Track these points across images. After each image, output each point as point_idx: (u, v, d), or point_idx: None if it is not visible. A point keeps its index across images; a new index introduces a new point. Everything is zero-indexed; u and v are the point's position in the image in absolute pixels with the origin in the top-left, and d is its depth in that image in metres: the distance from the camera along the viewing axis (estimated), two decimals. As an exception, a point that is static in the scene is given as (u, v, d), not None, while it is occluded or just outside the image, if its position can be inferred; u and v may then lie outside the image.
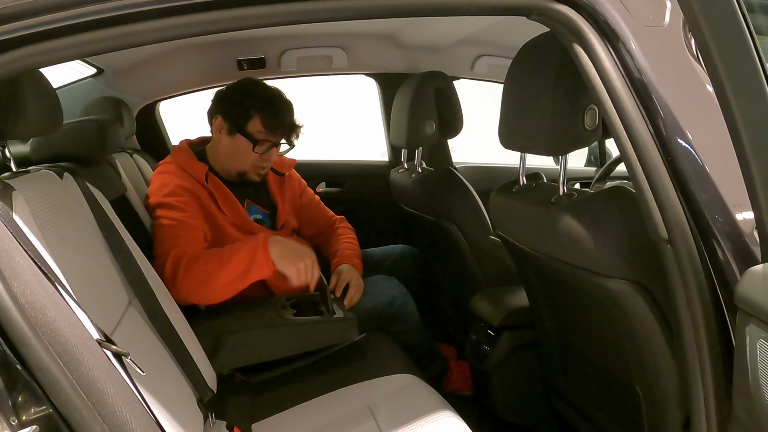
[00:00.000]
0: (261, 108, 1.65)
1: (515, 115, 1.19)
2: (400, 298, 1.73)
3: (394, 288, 1.75)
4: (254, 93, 1.68)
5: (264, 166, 1.73)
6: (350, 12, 0.90)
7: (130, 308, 1.13)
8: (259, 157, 1.69)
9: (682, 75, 0.91)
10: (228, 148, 1.70)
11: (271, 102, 1.67)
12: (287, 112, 1.70)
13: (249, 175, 1.73)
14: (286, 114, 1.69)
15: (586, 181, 2.58)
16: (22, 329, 0.74)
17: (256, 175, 1.74)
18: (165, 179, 1.65)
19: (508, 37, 2.31)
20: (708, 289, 0.86)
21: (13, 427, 0.72)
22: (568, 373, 1.45)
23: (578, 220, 1.06)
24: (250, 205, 1.79)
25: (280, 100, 1.70)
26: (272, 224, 1.81)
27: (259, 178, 1.75)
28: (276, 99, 1.69)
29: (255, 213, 1.79)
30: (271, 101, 1.67)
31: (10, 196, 0.89)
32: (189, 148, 1.75)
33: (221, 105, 1.70)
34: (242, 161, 1.70)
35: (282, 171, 1.89)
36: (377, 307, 1.68)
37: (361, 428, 1.21)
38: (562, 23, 0.91)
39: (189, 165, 1.68)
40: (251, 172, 1.73)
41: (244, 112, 1.66)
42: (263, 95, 1.68)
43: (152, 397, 0.93)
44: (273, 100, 1.68)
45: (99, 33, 0.81)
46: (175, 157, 1.72)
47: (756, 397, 0.78)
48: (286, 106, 1.70)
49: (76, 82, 2.34)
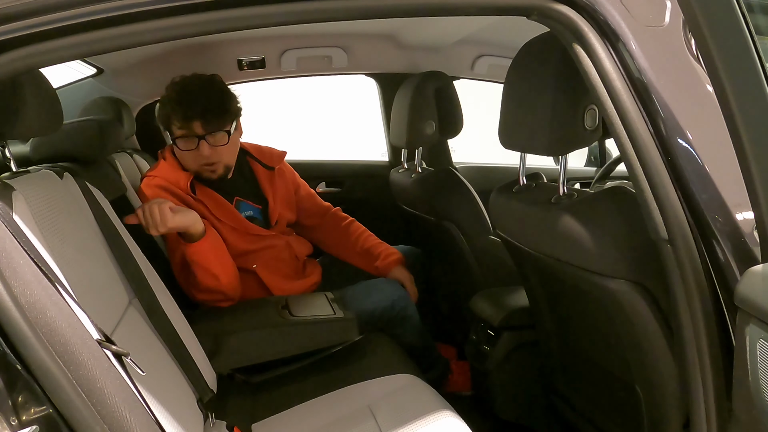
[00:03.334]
0: (172, 107, 1.58)
1: (515, 115, 1.19)
2: (401, 301, 1.72)
3: (395, 291, 1.74)
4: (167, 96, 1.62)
5: (207, 162, 1.61)
6: (350, 12, 0.90)
7: (130, 308, 1.13)
8: (195, 154, 1.60)
9: (682, 75, 0.91)
10: (177, 155, 1.66)
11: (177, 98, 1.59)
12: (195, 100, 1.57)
13: (202, 174, 1.65)
14: (194, 103, 1.57)
15: (586, 181, 2.58)
16: (22, 329, 0.74)
17: (209, 172, 1.64)
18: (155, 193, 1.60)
19: (508, 37, 2.31)
20: (708, 289, 0.86)
21: (13, 427, 0.72)
22: (568, 373, 1.45)
23: (578, 220, 1.06)
24: (240, 201, 1.76)
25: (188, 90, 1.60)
26: (264, 219, 1.78)
27: (214, 174, 1.65)
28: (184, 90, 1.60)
29: (246, 210, 1.76)
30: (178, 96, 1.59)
31: (10, 196, 0.89)
32: (172, 156, 1.68)
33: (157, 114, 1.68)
34: (187, 163, 1.64)
35: (271, 164, 1.83)
36: (377, 311, 1.68)
37: (361, 428, 1.20)
38: (562, 23, 0.91)
39: (173, 176, 1.63)
40: (201, 171, 1.64)
41: (165, 117, 1.61)
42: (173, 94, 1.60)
43: (152, 397, 0.93)
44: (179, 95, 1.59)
45: (99, 33, 0.81)
46: (160, 169, 1.66)
47: (756, 397, 0.78)
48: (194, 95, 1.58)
49: (76, 82, 2.34)
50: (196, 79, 1.63)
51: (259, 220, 1.78)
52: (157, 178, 1.64)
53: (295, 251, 1.82)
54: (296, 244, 1.84)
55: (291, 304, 1.56)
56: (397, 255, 1.92)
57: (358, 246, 1.95)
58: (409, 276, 1.87)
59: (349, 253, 1.97)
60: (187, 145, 1.60)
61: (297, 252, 1.82)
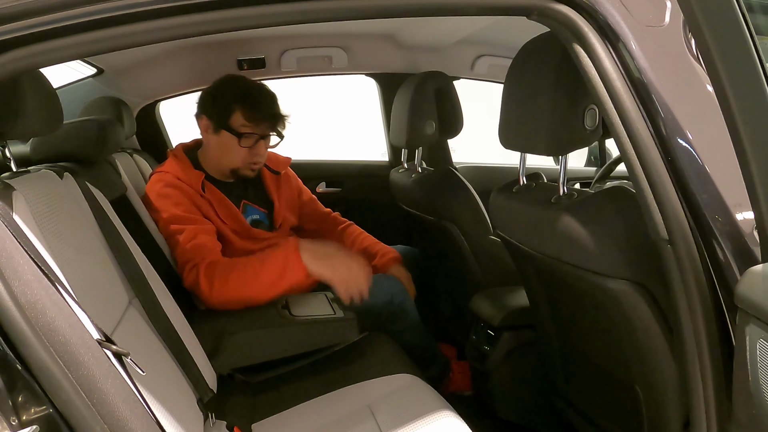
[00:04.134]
0: (241, 100, 1.64)
1: (515, 115, 1.19)
2: (399, 296, 1.73)
3: (393, 286, 1.75)
4: (233, 87, 1.67)
5: (256, 161, 1.71)
6: (350, 12, 0.90)
7: (130, 308, 1.13)
8: (248, 152, 1.68)
9: (682, 75, 0.91)
10: (217, 147, 1.69)
11: (250, 93, 1.66)
12: (269, 102, 1.68)
13: (242, 171, 1.71)
14: (268, 104, 1.67)
15: (586, 181, 2.58)
16: (22, 329, 0.74)
17: (249, 170, 1.72)
18: (166, 191, 1.64)
19: (508, 37, 2.31)
20: (708, 289, 0.86)
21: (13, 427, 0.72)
22: (568, 373, 1.45)
23: (578, 220, 1.06)
24: (247, 205, 1.79)
25: (260, 91, 1.68)
26: (270, 223, 1.81)
27: (252, 173, 1.74)
28: (256, 90, 1.67)
29: (252, 213, 1.79)
30: (251, 93, 1.66)
31: (10, 196, 0.89)
32: (184, 155, 1.73)
33: (204, 104, 1.70)
34: (232, 158, 1.69)
35: (278, 169, 1.89)
36: (376, 306, 1.68)
37: (361, 428, 1.20)
38: (562, 23, 0.91)
39: (185, 174, 1.66)
40: (243, 168, 1.71)
41: (226, 106, 1.65)
42: (242, 88, 1.67)
43: (152, 397, 0.93)
44: (252, 92, 1.66)
45: (99, 33, 0.81)
46: (171, 165, 1.70)
47: (756, 397, 0.78)
48: (267, 97, 1.68)
49: (76, 82, 2.34)
50: (257, 83, 1.71)
51: (265, 224, 1.81)
52: (169, 174, 1.67)
53: None
54: None
55: (291, 304, 1.56)
56: (394, 254, 1.94)
57: (355, 246, 1.98)
58: (407, 274, 1.88)
59: None
60: (249, 143, 1.66)
61: None
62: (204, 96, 1.71)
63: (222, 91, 1.67)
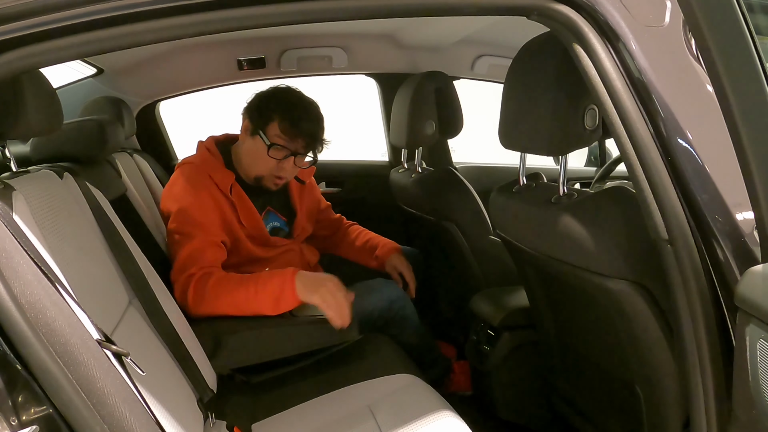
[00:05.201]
0: (282, 112, 1.61)
1: (515, 115, 1.19)
2: (399, 301, 1.72)
3: (393, 291, 1.74)
4: (281, 97, 1.64)
5: (281, 175, 1.66)
6: (350, 12, 0.90)
7: (130, 308, 1.13)
8: (276, 164, 1.63)
9: (682, 75, 0.91)
10: (248, 150, 1.66)
11: (294, 107, 1.62)
12: (311, 121, 1.63)
13: (265, 182, 1.67)
14: (309, 123, 1.62)
15: (586, 181, 2.58)
16: (22, 329, 0.74)
17: (273, 183, 1.68)
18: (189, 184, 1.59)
19: (508, 37, 2.31)
20: (708, 289, 0.86)
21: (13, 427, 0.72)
22: (568, 373, 1.45)
23: (578, 220, 1.06)
24: (270, 212, 1.77)
25: (305, 108, 1.63)
26: (289, 231, 1.80)
27: (275, 187, 1.69)
28: (300, 106, 1.63)
29: (273, 220, 1.77)
30: (295, 107, 1.62)
31: (10, 196, 0.89)
32: (217, 150, 1.69)
33: (250, 105, 1.67)
34: (259, 165, 1.65)
35: (303, 179, 1.86)
36: (375, 311, 1.68)
37: (361, 428, 1.20)
38: (562, 23, 0.91)
39: (217, 173, 1.62)
40: (267, 179, 1.66)
41: (266, 114, 1.62)
42: (288, 101, 1.63)
43: (152, 397, 0.93)
44: (296, 107, 1.62)
45: (99, 33, 0.81)
46: (204, 161, 1.66)
47: (756, 397, 0.78)
48: (311, 116, 1.63)
49: (76, 82, 2.34)
50: (307, 99, 1.67)
51: (284, 231, 1.80)
52: (202, 166, 1.63)
53: (307, 258, 1.83)
54: (307, 252, 1.85)
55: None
56: (394, 244, 1.95)
57: (357, 242, 1.99)
58: (407, 264, 1.88)
59: (348, 250, 2.01)
60: (277, 155, 1.62)
61: (308, 259, 1.84)
62: (254, 97, 1.68)
63: (269, 98, 1.64)
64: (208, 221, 1.55)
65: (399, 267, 1.88)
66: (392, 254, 1.91)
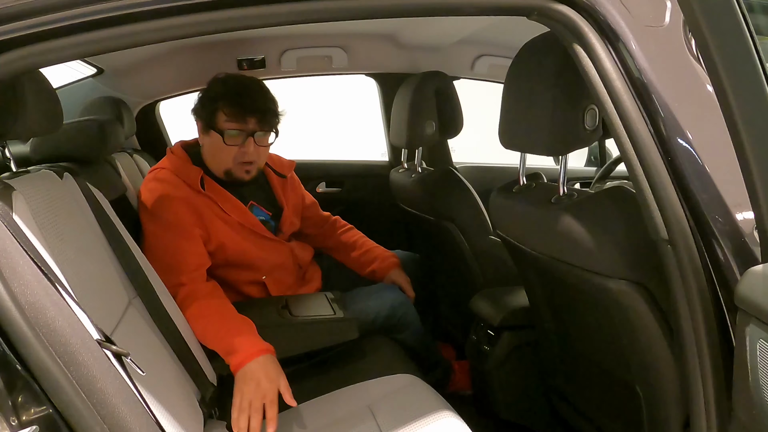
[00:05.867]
0: (224, 99, 1.57)
1: (515, 115, 1.19)
2: (402, 308, 1.72)
3: (395, 298, 1.73)
4: (219, 85, 1.61)
5: (247, 160, 1.61)
6: (350, 12, 0.90)
7: (130, 308, 1.13)
8: (238, 151, 1.59)
9: (682, 75, 0.91)
10: (209, 148, 1.63)
11: (233, 89, 1.58)
12: (253, 97, 1.58)
13: (234, 173, 1.62)
14: (252, 99, 1.57)
15: (586, 181, 2.58)
16: (22, 329, 0.74)
17: (243, 172, 1.63)
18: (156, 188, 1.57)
19: (508, 37, 2.31)
20: (708, 289, 0.86)
21: (13, 427, 0.72)
22: (568, 373, 1.45)
23: (578, 220, 1.06)
24: (254, 206, 1.76)
25: (245, 87, 1.60)
26: (276, 226, 1.79)
27: (247, 175, 1.64)
28: (240, 87, 1.59)
29: (259, 215, 1.75)
30: (234, 88, 1.58)
31: (10, 196, 0.89)
32: (183, 151, 1.67)
33: (195, 106, 1.65)
34: (223, 158, 1.61)
35: (283, 173, 1.85)
36: (379, 318, 1.67)
37: (361, 428, 1.21)
38: (562, 23, 0.91)
39: (183, 170, 1.60)
40: (236, 168, 1.61)
41: (210, 106, 1.59)
42: (227, 86, 1.60)
43: (152, 397, 0.93)
44: (236, 88, 1.59)
45: (99, 33, 0.81)
46: (170, 161, 1.64)
47: (756, 397, 0.78)
48: (251, 92, 1.59)
49: (76, 82, 2.34)
50: (246, 79, 1.64)
51: (271, 225, 1.77)
52: (165, 170, 1.62)
53: (299, 258, 1.82)
54: (299, 251, 1.84)
55: (291, 304, 1.56)
56: (394, 258, 1.93)
57: (355, 251, 1.97)
58: (407, 278, 1.88)
59: (346, 259, 1.99)
60: (234, 141, 1.58)
61: (300, 259, 1.82)
62: (197, 98, 1.67)
63: (209, 90, 1.62)
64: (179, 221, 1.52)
65: (398, 282, 1.86)
66: (391, 270, 1.89)
